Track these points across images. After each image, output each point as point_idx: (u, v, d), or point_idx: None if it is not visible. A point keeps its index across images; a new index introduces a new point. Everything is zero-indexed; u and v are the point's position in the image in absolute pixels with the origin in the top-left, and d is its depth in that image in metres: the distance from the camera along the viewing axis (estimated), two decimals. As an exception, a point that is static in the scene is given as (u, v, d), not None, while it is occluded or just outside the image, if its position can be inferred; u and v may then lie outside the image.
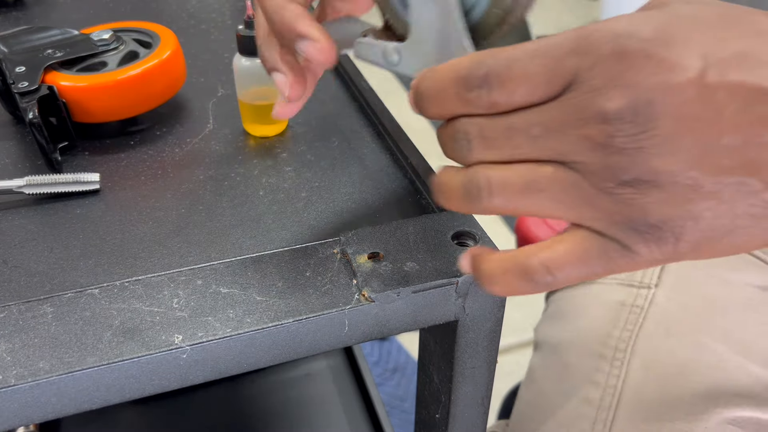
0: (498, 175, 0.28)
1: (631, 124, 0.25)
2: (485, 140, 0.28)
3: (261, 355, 0.37)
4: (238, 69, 0.51)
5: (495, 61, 0.27)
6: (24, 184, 0.46)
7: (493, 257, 0.31)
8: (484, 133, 0.28)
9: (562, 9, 2.95)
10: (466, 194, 0.29)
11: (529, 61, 0.27)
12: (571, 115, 0.26)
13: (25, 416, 0.35)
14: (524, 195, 0.28)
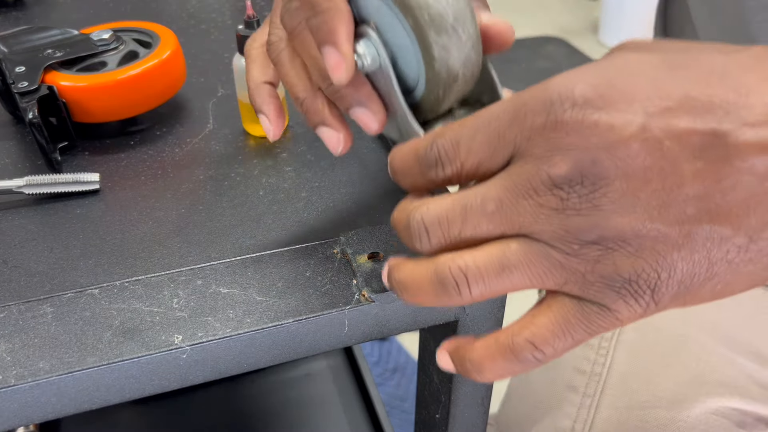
0: (470, 263, 0.28)
1: (580, 186, 0.25)
2: (442, 225, 0.29)
3: (261, 356, 0.37)
4: (238, 69, 0.51)
5: (443, 140, 0.29)
6: (24, 184, 0.46)
7: (475, 346, 0.30)
8: (440, 218, 0.29)
9: (562, 9, 2.95)
10: (442, 290, 0.29)
11: (472, 137, 0.28)
12: (520, 186, 0.26)
13: (25, 416, 0.35)
14: (500, 276, 0.28)
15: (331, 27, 0.32)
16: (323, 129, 0.36)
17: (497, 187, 0.27)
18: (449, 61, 0.31)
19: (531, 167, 0.26)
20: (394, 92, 0.34)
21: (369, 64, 0.33)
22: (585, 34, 2.74)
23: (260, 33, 0.42)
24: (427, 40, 0.31)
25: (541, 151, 0.26)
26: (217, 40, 0.68)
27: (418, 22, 0.31)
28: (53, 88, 0.49)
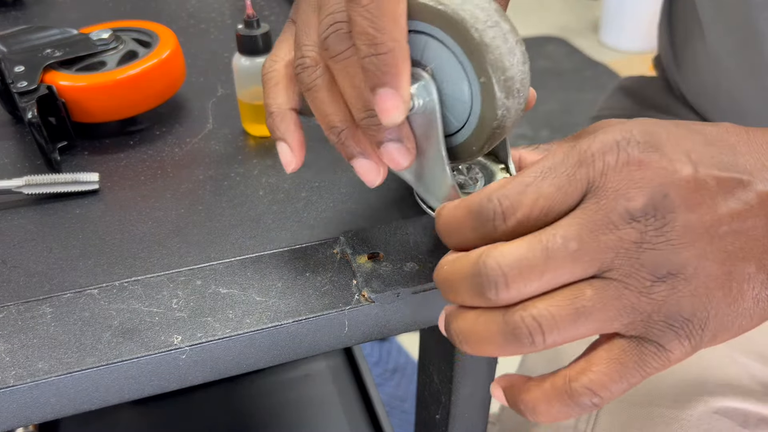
0: (545, 313, 0.27)
1: (654, 219, 0.27)
2: (523, 270, 0.27)
3: (260, 356, 0.37)
4: (238, 69, 0.51)
5: (504, 191, 0.28)
6: (23, 184, 0.45)
7: (531, 387, 0.30)
8: (520, 262, 0.27)
9: (562, 9, 2.95)
10: (514, 341, 0.28)
11: (540, 182, 0.28)
12: (599, 222, 0.27)
13: (24, 417, 0.34)
14: (574, 324, 0.27)
15: (395, 70, 0.30)
16: (362, 161, 0.35)
17: (574, 225, 0.27)
18: (507, 120, 0.32)
19: (608, 202, 0.27)
20: (434, 136, 0.33)
21: (418, 107, 0.33)
22: (585, 33, 2.74)
23: (281, 52, 0.38)
24: (496, 101, 0.31)
25: (616, 186, 0.27)
26: (217, 40, 0.68)
27: (491, 83, 0.31)
28: (52, 87, 0.49)
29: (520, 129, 2.11)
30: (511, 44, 0.31)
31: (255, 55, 0.50)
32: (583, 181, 0.27)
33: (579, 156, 0.28)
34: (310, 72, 0.33)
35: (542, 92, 2.32)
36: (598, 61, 2.52)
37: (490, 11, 0.31)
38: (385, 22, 0.29)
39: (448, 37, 0.31)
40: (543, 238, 0.27)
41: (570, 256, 0.27)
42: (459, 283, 0.29)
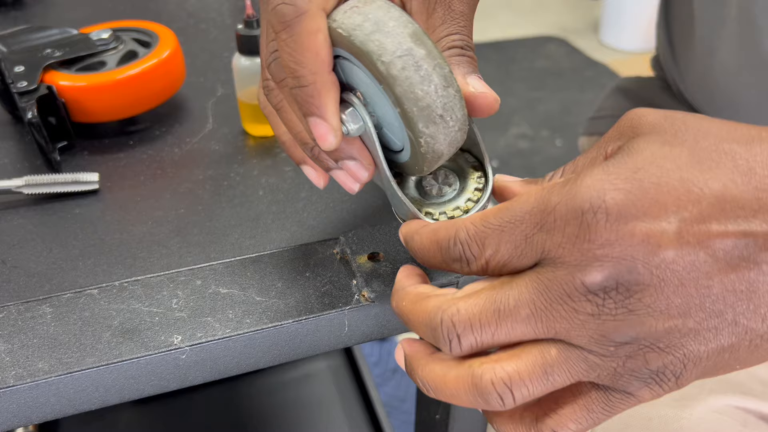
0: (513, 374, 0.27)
1: (615, 292, 0.25)
2: (474, 330, 0.28)
3: (260, 356, 0.37)
4: (238, 69, 0.51)
5: (467, 237, 0.29)
6: (23, 184, 0.45)
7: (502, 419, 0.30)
8: (472, 322, 0.28)
9: (563, 9, 2.95)
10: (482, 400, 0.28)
11: (497, 238, 0.28)
12: (554, 292, 0.26)
13: (24, 417, 0.34)
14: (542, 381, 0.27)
15: (318, 101, 0.31)
16: (338, 172, 0.35)
17: (530, 290, 0.27)
18: (435, 146, 0.32)
19: (564, 274, 0.26)
20: (378, 157, 0.34)
21: (354, 131, 0.33)
22: (585, 33, 2.74)
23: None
24: (416, 130, 0.31)
25: (574, 260, 0.26)
26: (217, 40, 0.68)
27: (407, 114, 0.30)
28: (52, 87, 0.49)
29: (520, 129, 2.11)
30: (426, 71, 0.30)
31: (255, 55, 0.50)
32: (538, 248, 0.27)
33: (541, 216, 0.27)
34: (276, 94, 0.35)
35: (542, 92, 2.32)
36: (598, 61, 2.53)
37: (402, 37, 0.30)
38: (303, 56, 0.30)
39: (365, 67, 0.31)
40: (497, 298, 0.27)
41: (521, 323, 0.27)
42: (417, 327, 0.30)
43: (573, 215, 0.26)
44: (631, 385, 0.27)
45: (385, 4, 0.31)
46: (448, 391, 0.29)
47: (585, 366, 0.27)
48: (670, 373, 0.27)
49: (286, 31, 0.30)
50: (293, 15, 0.30)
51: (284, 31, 0.30)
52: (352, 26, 0.30)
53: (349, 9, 0.31)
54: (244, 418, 0.92)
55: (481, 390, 0.27)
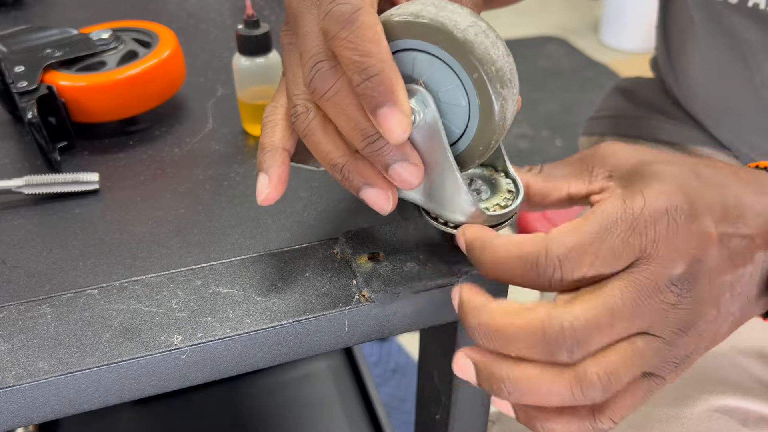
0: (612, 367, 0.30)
1: (687, 282, 0.30)
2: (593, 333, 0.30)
3: (261, 356, 0.37)
4: (238, 69, 0.51)
5: (562, 248, 0.30)
6: (23, 184, 0.45)
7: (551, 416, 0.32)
8: (590, 325, 0.29)
9: (563, 9, 2.95)
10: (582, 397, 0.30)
11: (599, 245, 0.30)
12: (648, 286, 0.30)
13: (24, 417, 0.34)
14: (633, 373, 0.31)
15: (390, 87, 0.31)
16: (369, 191, 0.35)
17: (630, 289, 0.30)
18: (506, 112, 0.33)
19: (657, 268, 0.30)
20: (439, 146, 0.34)
21: (418, 121, 0.33)
22: (585, 33, 2.74)
23: (281, 99, 0.38)
24: (491, 93, 0.32)
25: (665, 254, 0.30)
26: (217, 40, 0.68)
27: (483, 76, 0.32)
28: (52, 87, 0.49)
29: (520, 129, 2.11)
30: (493, 39, 0.32)
31: (255, 55, 0.50)
32: (635, 248, 0.30)
33: (633, 221, 0.30)
34: (303, 118, 0.35)
35: (542, 92, 2.32)
36: (598, 61, 2.53)
37: (464, 14, 0.32)
38: (368, 47, 0.31)
39: (433, 46, 0.32)
40: (606, 300, 0.30)
41: (629, 317, 0.30)
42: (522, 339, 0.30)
43: (660, 215, 0.30)
44: (667, 369, 0.31)
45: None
46: (542, 390, 0.30)
47: (656, 356, 0.31)
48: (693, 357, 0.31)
49: (346, 28, 0.31)
50: (351, 11, 0.31)
51: (344, 29, 0.31)
52: (416, 11, 0.33)
53: (402, 6, 0.33)
54: (244, 418, 0.92)
55: (587, 385, 0.30)
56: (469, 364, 0.32)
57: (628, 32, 2.58)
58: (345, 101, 0.32)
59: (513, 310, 0.31)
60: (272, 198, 0.36)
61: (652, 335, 0.30)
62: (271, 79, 0.51)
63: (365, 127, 0.32)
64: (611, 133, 0.74)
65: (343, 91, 0.32)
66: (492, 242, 0.32)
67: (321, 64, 0.32)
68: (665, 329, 0.30)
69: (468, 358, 0.32)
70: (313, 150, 0.35)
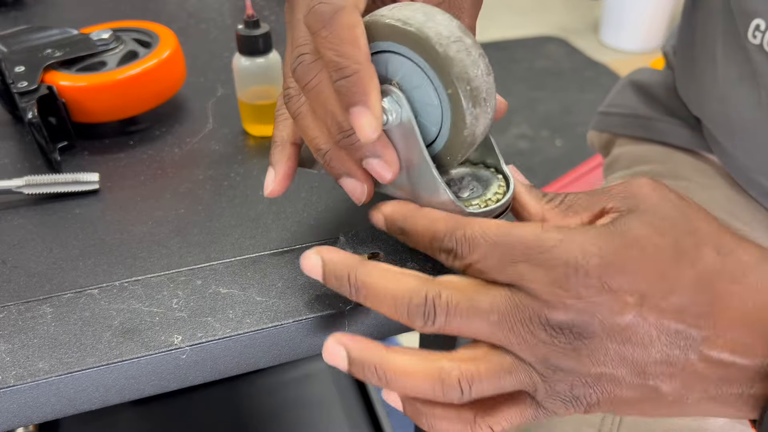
0: (474, 373, 0.31)
1: (569, 332, 0.30)
2: (450, 312, 0.31)
3: (261, 356, 0.37)
4: (238, 69, 0.51)
5: (463, 235, 0.32)
6: (23, 184, 0.45)
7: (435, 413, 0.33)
8: (449, 304, 0.31)
9: (563, 9, 2.95)
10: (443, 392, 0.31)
11: (488, 249, 0.31)
12: (522, 314, 0.30)
13: (25, 417, 0.34)
14: (495, 383, 0.31)
15: (363, 88, 0.32)
16: (347, 180, 0.37)
17: (504, 302, 0.31)
18: (476, 129, 0.34)
19: (536, 305, 0.30)
20: (414, 145, 0.35)
21: (392, 120, 0.34)
22: (585, 33, 2.74)
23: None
24: (463, 110, 0.33)
25: (546, 297, 0.30)
26: (217, 40, 0.68)
27: (458, 93, 0.33)
28: (53, 87, 0.49)
29: (520, 129, 2.11)
30: (474, 57, 0.33)
31: (255, 55, 0.50)
32: (517, 274, 0.30)
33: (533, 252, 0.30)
34: (295, 101, 0.36)
35: (542, 92, 2.32)
36: (598, 61, 2.53)
37: (452, 28, 0.33)
38: (345, 48, 0.32)
39: (414, 54, 0.33)
40: (476, 297, 0.31)
41: (488, 325, 0.31)
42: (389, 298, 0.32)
43: (560, 263, 0.30)
44: (554, 403, 0.32)
45: (425, 5, 0.34)
46: (410, 383, 0.32)
47: (528, 380, 0.31)
48: (585, 401, 0.31)
49: (326, 27, 0.32)
50: (332, 12, 0.32)
51: (324, 28, 0.32)
52: (405, 17, 0.33)
53: (395, 7, 0.34)
54: (244, 418, 0.92)
55: (447, 384, 0.31)
56: (340, 350, 0.33)
57: (628, 32, 2.58)
58: (323, 94, 0.34)
59: (391, 271, 0.33)
60: (276, 191, 0.39)
61: (520, 358, 0.31)
62: (271, 79, 0.52)
63: (341, 120, 0.34)
64: (623, 133, 0.74)
65: (322, 84, 0.34)
66: (414, 213, 0.35)
67: (304, 57, 0.34)
68: (534, 359, 0.31)
69: (340, 344, 0.33)
70: (301, 133, 0.37)
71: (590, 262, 0.29)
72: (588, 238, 0.30)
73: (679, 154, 0.67)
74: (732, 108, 0.58)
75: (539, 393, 0.31)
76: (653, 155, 0.69)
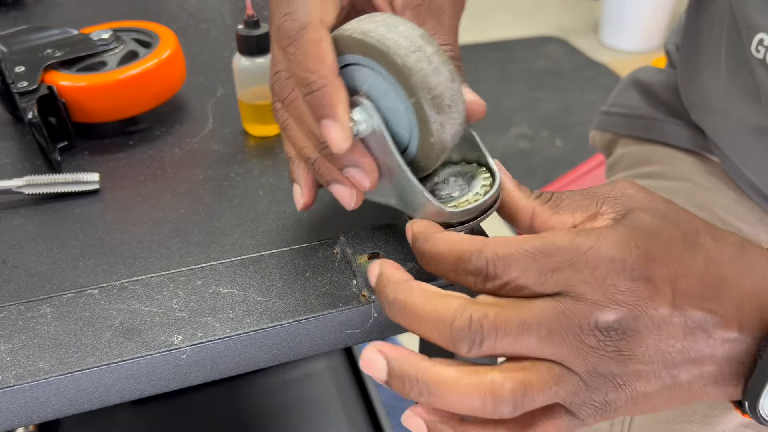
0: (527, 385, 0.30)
1: (615, 332, 0.30)
2: (498, 333, 0.30)
3: (261, 356, 0.37)
4: (238, 69, 0.51)
5: (494, 255, 0.31)
6: (23, 184, 0.45)
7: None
8: (497, 325, 0.30)
9: (562, 9, 2.95)
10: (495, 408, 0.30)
11: (527, 263, 0.30)
12: (571, 322, 0.30)
13: (25, 417, 0.34)
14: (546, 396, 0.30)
15: (329, 102, 0.33)
16: (336, 186, 0.37)
17: (551, 314, 0.30)
18: (443, 136, 0.34)
19: (584, 308, 0.29)
20: (389, 152, 0.35)
21: (364, 130, 0.35)
22: (585, 34, 2.74)
23: None
24: (427, 118, 0.34)
25: (595, 298, 0.29)
26: (217, 40, 0.68)
27: (420, 102, 0.33)
28: (53, 87, 0.49)
29: (520, 129, 2.11)
30: (436, 65, 0.33)
31: (255, 55, 0.50)
32: (563, 281, 0.30)
33: (573, 256, 0.30)
34: (280, 114, 0.37)
35: (542, 92, 2.32)
36: (598, 61, 2.53)
37: (413, 38, 0.33)
38: (310, 64, 0.33)
39: (377, 65, 0.34)
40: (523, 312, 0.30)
41: (538, 339, 0.30)
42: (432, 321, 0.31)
43: (604, 260, 0.29)
44: (587, 412, 0.31)
45: (390, 15, 0.35)
46: (456, 396, 0.30)
47: (573, 390, 0.30)
48: (613, 407, 0.31)
49: (293, 45, 0.33)
50: (298, 28, 0.33)
51: (291, 45, 0.33)
52: (366, 30, 0.34)
53: (358, 21, 0.35)
54: (244, 418, 0.92)
55: (500, 397, 0.29)
56: (380, 359, 0.31)
57: (628, 32, 2.58)
58: (300, 109, 0.35)
59: (431, 292, 0.31)
60: (308, 204, 0.40)
61: (567, 368, 0.30)
62: (271, 79, 0.51)
63: (318, 133, 0.35)
64: (625, 133, 0.74)
65: (298, 100, 0.35)
66: (434, 236, 0.34)
67: (279, 74, 0.35)
68: (581, 367, 0.30)
69: (380, 353, 0.32)
70: (291, 143, 0.38)
71: (631, 255, 0.30)
72: (620, 234, 0.30)
73: (682, 155, 0.67)
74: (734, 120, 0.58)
75: (576, 402, 0.31)
76: (656, 156, 0.69)
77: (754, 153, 0.58)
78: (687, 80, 0.66)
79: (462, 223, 0.36)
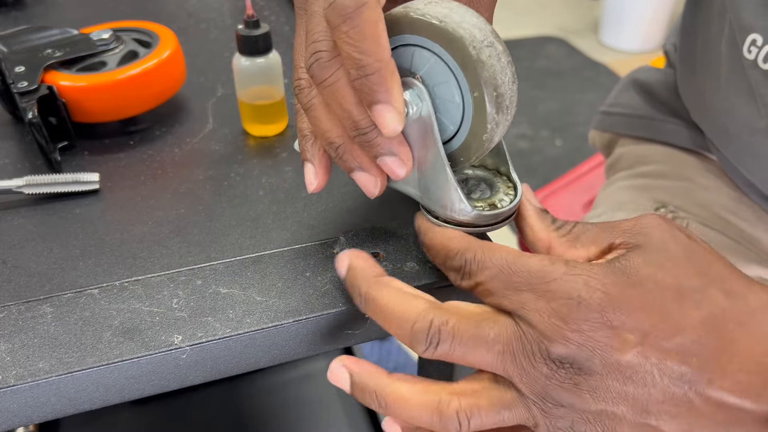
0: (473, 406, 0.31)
1: (570, 367, 0.30)
2: (455, 338, 0.31)
3: (261, 356, 0.37)
4: (238, 69, 0.51)
5: (473, 256, 0.33)
6: (23, 184, 0.45)
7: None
8: (454, 333, 0.31)
9: (562, 9, 2.95)
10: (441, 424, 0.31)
11: (495, 272, 0.32)
12: (525, 345, 0.30)
13: (25, 416, 0.34)
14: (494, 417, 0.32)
15: (385, 87, 0.31)
16: (360, 173, 0.36)
17: (509, 333, 0.31)
18: (494, 136, 0.34)
19: (538, 337, 0.30)
20: (431, 142, 0.35)
21: (413, 113, 0.34)
22: (585, 34, 2.74)
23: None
24: (486, 115, 0.33)
25: (546, 330, 0.30)
26: (217, 40, 0.68)
27: (483, 97, 0.33)
28: (53, 87, 0.49)
29: (520, 129, 2.11)
30: (504, 64, 0.33)
31: (255, 55, 0.50)
32: (519, 301, 0.31)
33: (537, 282, 0.30)
34: (306, 93, 0.35)
35: (542, 92, 2.32)
36: (598, 61, 2.53)
37: (486, 32, 0.33)
38: (367, 45, 0.31)
39: (443, 51, 0.33)
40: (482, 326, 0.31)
41: (492, 354, 0.31)
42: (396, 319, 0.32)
43: (562, 295, 0.30)
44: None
45: (457, 3, 0.34)
46: (408, 411, 0.32)
47: (528, 414, 0.31)
48: None
49: (347, 23, 0.30)
50: (354, 6, 0.30)
51: (345, 23, 0.30)
52: (441, 15, 0.33)
53: (428, 3, 0.33)
54: (244, 418, 0.92)
55: (445, 416, 0.31)
56: (344, 373, 0.34)
57: (628, 32, 2.58)
58: (340, 92, 0.33)
59: (402, 292, 0.33)
60: (320, 186, 0.38)
61: (522, 393, 0.31)
62: (272, 79, 0.52)
63: (357, 119, 0.33)
64: (624, 133, 0.74)
65: (340, 82, 0.33)
66: (433, 229, 0.36)
67: (321, 54, 0.33)
68: (533, 393, 0.31)
69: (344, 367, 0.34)
70: (312, 125, 0.36)
71: (593, 297, 0.29)
72: (592, 274, 0.30)
73: (682, 154, 0.67)
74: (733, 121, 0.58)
75: (540, 428, 0.31)
76: (656, 155, 0.69)
77: (752, 153, 0.58)
78: (685, 80, 0.66)
79: (477, 226, 0.36)
